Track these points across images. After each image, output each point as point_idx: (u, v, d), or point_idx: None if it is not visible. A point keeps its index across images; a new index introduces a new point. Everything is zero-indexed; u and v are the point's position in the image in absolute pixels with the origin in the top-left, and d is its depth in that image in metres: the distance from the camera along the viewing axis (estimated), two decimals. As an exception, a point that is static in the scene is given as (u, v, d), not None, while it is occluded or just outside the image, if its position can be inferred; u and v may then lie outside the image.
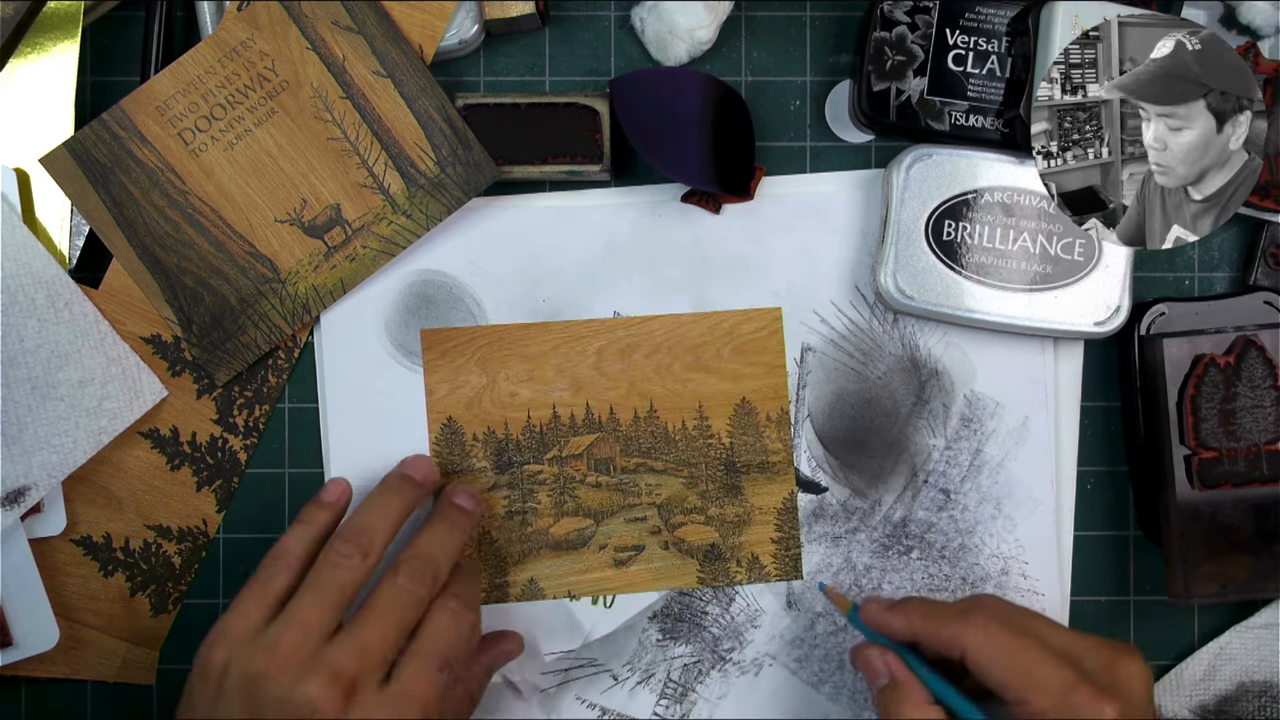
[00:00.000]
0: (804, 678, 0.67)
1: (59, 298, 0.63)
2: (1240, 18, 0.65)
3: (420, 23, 0.64)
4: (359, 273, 0.65)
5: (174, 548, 0.66)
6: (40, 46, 0.64)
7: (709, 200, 0.66)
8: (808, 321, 0.67)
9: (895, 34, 0.64)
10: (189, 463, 0.66)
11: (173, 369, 0.65)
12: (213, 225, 0.64)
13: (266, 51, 0.64)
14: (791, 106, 0.67)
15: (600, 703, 0.66)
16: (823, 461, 0.67)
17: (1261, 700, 0.67)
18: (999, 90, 0.64)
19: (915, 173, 0.64)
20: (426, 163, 0.64)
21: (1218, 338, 0.63)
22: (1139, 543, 0.68)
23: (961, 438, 0.67)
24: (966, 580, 0.67)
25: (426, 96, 0.64)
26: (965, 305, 0.64)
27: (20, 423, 0.63)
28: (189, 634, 0.67)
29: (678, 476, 0.66)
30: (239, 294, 0.65)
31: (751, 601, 0.67)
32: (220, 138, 0.64)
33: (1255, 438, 0.62)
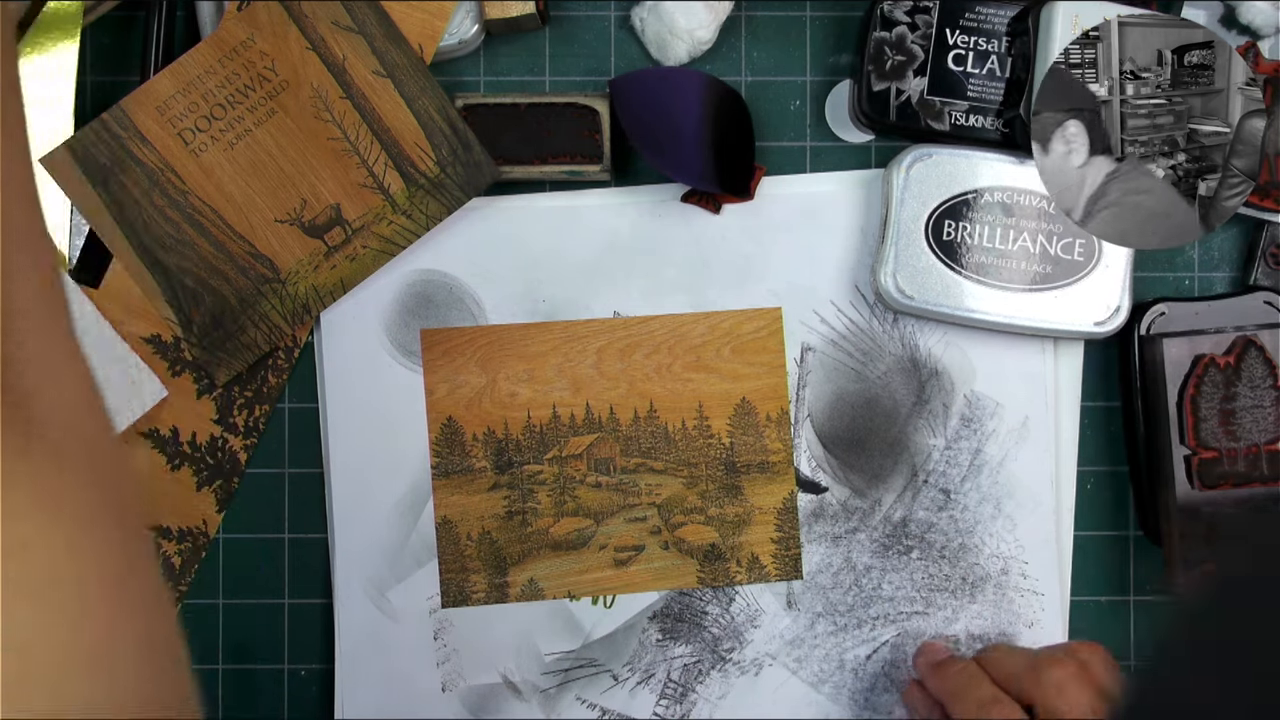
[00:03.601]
0: (804, 678, 0.67)
1: (59, 298, 0.63)
2: (1240, 18, 0.65)
3: (420, 23, 0.64)
4: (359, 273, 0.65)
5: (174, 548, 0.66)
6: (40, 46, 0.64)
7: (709, 200, 0.66)
8: (808, 321, 0.67)
9: (895, 34, 0.64)
10: (189, 463, 0.66)
11: (173, 369, 0.65)
12: (213, 225, 0.64)
13: (266, 51, 0.64)
14: (791, 106, 0.67)
15: (600, 703, 0.66)
16: (823, 461, 0.67)
17: (1261, 700, 0.67)
18: (999, 90, 0.64)
19: (915, 173, 0.64)
20: (426, 163, 0.64)
21: (1218, 338, 0.63)
22: (1139, 543, 0.68)
23: (961, 438, 0.67)
24: (966, 580, 0.67)
25: (426, 96, 0.64)
26: (965, 305, 0.64)
27: (20, 423, 0.62)
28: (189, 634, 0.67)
29: (678, 476, 0.66)
30: (239, 294, 0.65)
31: (751, 601, 0.67)
32: (220, 138, 0.64)
33: (1255, 438, 0.62)
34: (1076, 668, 0.54)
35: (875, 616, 0.67)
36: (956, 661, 0.58)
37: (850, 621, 0.67)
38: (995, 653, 0.57)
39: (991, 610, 0.67)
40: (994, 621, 0.67)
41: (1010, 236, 0.64)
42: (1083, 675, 0.53)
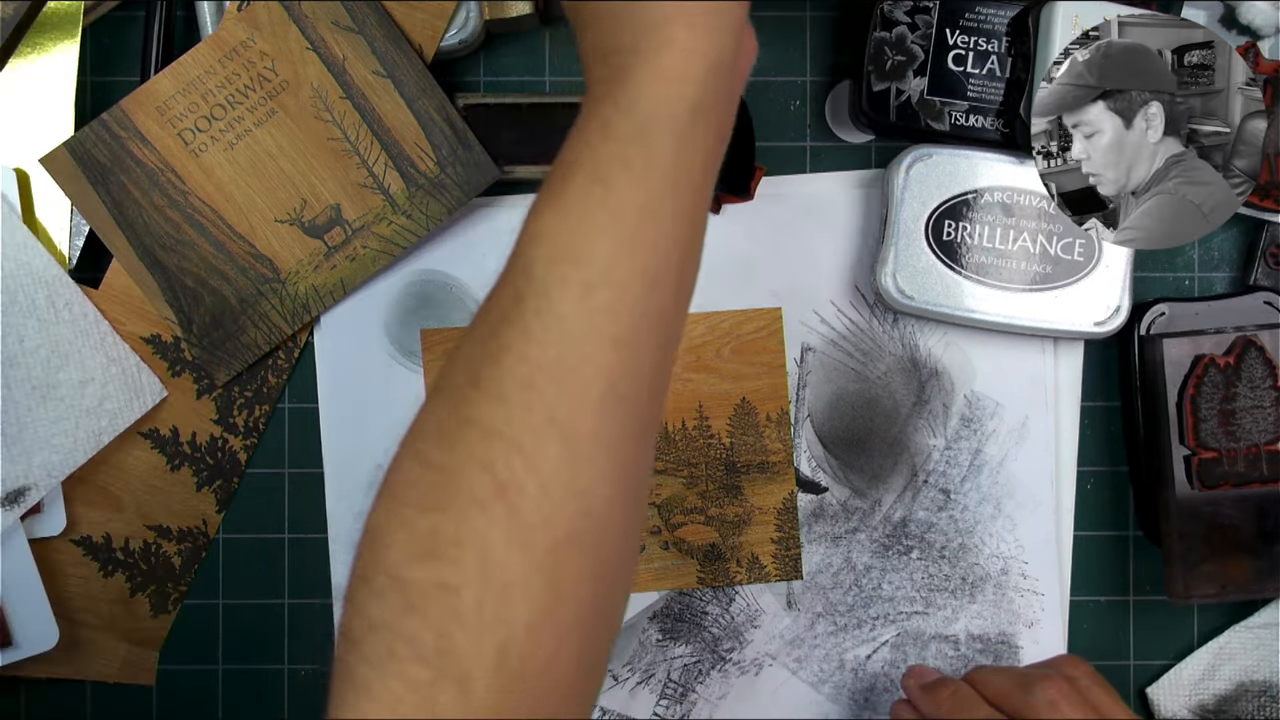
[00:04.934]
0: (804, 678, 0.67)
1: (59, 298, 0.63)
2: (1240, 18, 0.65)
3: (420, 23, 0.64)
4: (359, 273, 0.65)
5: (174, 548, 0.66)
6: (40, 46, 0.64)
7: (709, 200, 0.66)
8: (808, 321, 0.67)
9: (895, 34, 0.64)
10: (189, 463, 0.66)
11: (173, 369, 0.65)
12: (213, 225, 0.64)
13: (266, 51, 0.64)
14: (791, 106, 0.67)
15: (600, 703, 0.66)
16: (823, 461, 0.67)
17: (1261, 700, 0.67)
18: (999, 90, 0.64)
19: (915, 173, 0.64)
20: (426, 163, 0.64)
21: (1218, 338, 0.63)
22: (1139, 543, 0.68)
23: (961, 438, 0.67)
24: (966, 580, 0.67)
25: (426, 96, 0.64)
26: (965, 305, 0.64)
27: (20, 423, 0.63)
28: (189, 634, 0.67)
29: (678, 476, 0.66)
30: (239, 294, 0.65)
31: (751, 601, 0.67)
32: (220, 138, 0.64)
33: (1255, 438, 0.62)
34: (1066, 684, 0.54)
35: (875, 616, 0.67)
36: (948, 683, 0.58)
37: (850, 621, 0.67)
38: (982, 673, 0.57)
39: (991, 610, 0.67)
40: (994, 621, 0.67)
41: (1010, 236, 0.64)
42: (1073, 691, 0.54)
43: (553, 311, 0.38)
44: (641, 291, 0.39)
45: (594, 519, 0.38)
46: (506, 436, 0.38)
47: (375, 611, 0.38)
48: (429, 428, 0.40)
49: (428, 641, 0.36)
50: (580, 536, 0.38)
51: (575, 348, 0.38)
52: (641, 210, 0.39)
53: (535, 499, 0.37)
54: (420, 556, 0.37)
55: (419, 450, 0.40)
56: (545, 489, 0.38)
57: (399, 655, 0.37)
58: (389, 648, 0.37)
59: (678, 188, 0.40)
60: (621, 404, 0.39)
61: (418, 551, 0.37)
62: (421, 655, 0.36)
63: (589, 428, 0.38)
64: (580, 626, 0.39)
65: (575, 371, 0.38)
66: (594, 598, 0.39)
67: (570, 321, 0.38)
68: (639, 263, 0.39)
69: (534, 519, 0.37)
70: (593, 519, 0.38)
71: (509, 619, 0.37)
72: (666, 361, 0.42)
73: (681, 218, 0.41)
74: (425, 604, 0.37)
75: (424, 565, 0.37)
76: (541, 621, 0.37)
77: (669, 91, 0.40)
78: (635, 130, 0.39)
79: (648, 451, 0.42)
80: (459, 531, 0.37)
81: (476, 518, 0.37)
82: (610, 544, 0.39)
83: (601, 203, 0.39)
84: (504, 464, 0.38)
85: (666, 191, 0.40)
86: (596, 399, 0.38)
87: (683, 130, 0.40)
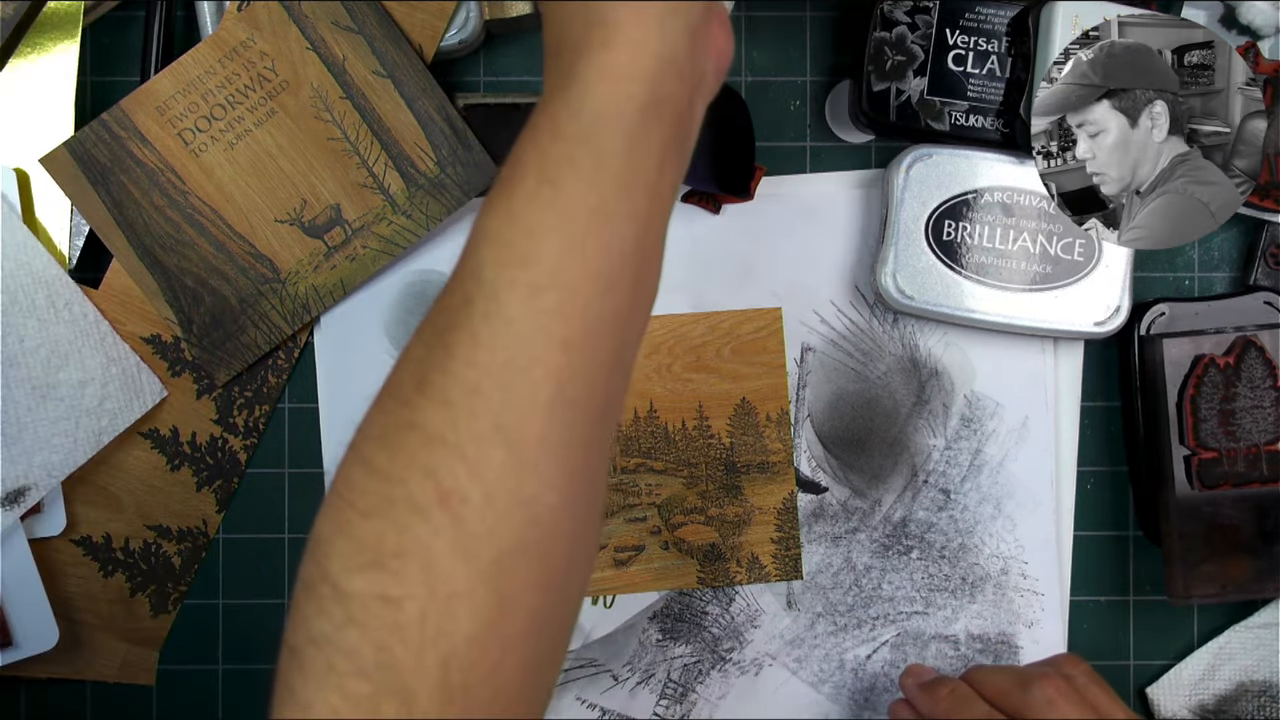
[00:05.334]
0: (804, 678, 0.67)
1: (59, 298, 0.63)
2: (1240, 18, 0.65)
3: (420, 23, 0.64)
4: (359, 273, 0.65)
5: (174, 548, 0.66)
6: (40, 46, 0.64)
7: (709, 200, 0.66)
8: (808, 321, 0.67)
9: (895, 34, 0.64)
10: (189, 463, 0.66)
11: (173, 369, 0.65)
12: (213, 225, 0.64)
13: (266, 51, 0.64)
14: (791, 106, 0.67)
15: (600, 703, 0.66)
16: (823, 461, 0.67)
17: (1261, 700, 0.67)
18: (999, 90, 0.64)
19: (915, 173, 0.64)
20: (426, 163, 0.64)
21: (1218, 338, 0.63)
22: (1139, 543, 0.68)
23: (961, 438, 0.67)
24: (966, 580, 0.67)
25: (426, 96, 0.64)
26: (965, 305, 0.64)
27: (20, 423, 0.63)
28: (189, 634, 0.67)
29: (678, 476, 0.66)
30: (239, 294, 0.65)
31: (751, 601, 0.67)
32: (220, 138, 0.64)
33: (1255, 438, 0.62)
34: (1064, 682, 0.54)
35: (875, 616, 0.67)
36: (946, 682, 0.58)
37: (850, 621, 0.67)
38: (980, 672, 0.57)
39: (991, 610, 0.67)
40: (993, 621, 0.67)
41: (1010, 236, 0.64)
42: (1070, 690, 0.54)
43: (501, 315, 0.38)
44: (594, 294, 0.38)
45: (541, 527, 0.38)
46: (450, 443, 0.37)
47: (316, 624, 0.37)
48: (374, 430, 0.39)
49: (367, 655, 0.36)
50: (527, 546, 0.37)
51: (523, 350, 0.38)
52: (592, 212, 0.38)
53: (479, 508, 0.37)
54: (362, 567, 0.37)
55: (363, 454, 0.39)
56: (490, 497, 0.37)
57: (338, 669, 0.36)
58: (328, 661, 0.36)
59: (630, 189, 0.39)
60: (571, 408, 0.38)
61: (360, 561, 0.37)
62: (361, 669, 0.36)
63: (535, 433, 0.38)
64: (528, 637, 0.38)
65: (523, 375, 0.38)
66: (542, 607, 0.38)
67: (518, 324, 0.38)
68: (590, 265, 0.38)
69: (478, 529, 0.37)
70: (540, 527, 0.38)
71: (452, 632, 0.36)
72: (623, 365, 0.41)
73: (636, 219, 0.40)
74: (366, 617, 0.36)
75: (365, 576, 0.36)
76: (486, 633, 0.37)
77: (617, 90, 0.39)
78: (583, 131, 0.39)
79: (600, 457, 0.41)
80: (401, 541, 0.36)
81: (419, 527, 0.36)
82: (559, 552, 0.39)
83: (550, 204, 0.38)
84: (447, 471, 0.37)
85: (618, 193, 0.39)
86: (544, 403, 0.38)
87: (633, 130, 0.39)
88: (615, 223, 0.39)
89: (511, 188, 0.39)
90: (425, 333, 0.40)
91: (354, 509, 0.38)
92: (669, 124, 0.40)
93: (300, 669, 0.37)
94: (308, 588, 0.38)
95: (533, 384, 0.38)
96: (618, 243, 0.39)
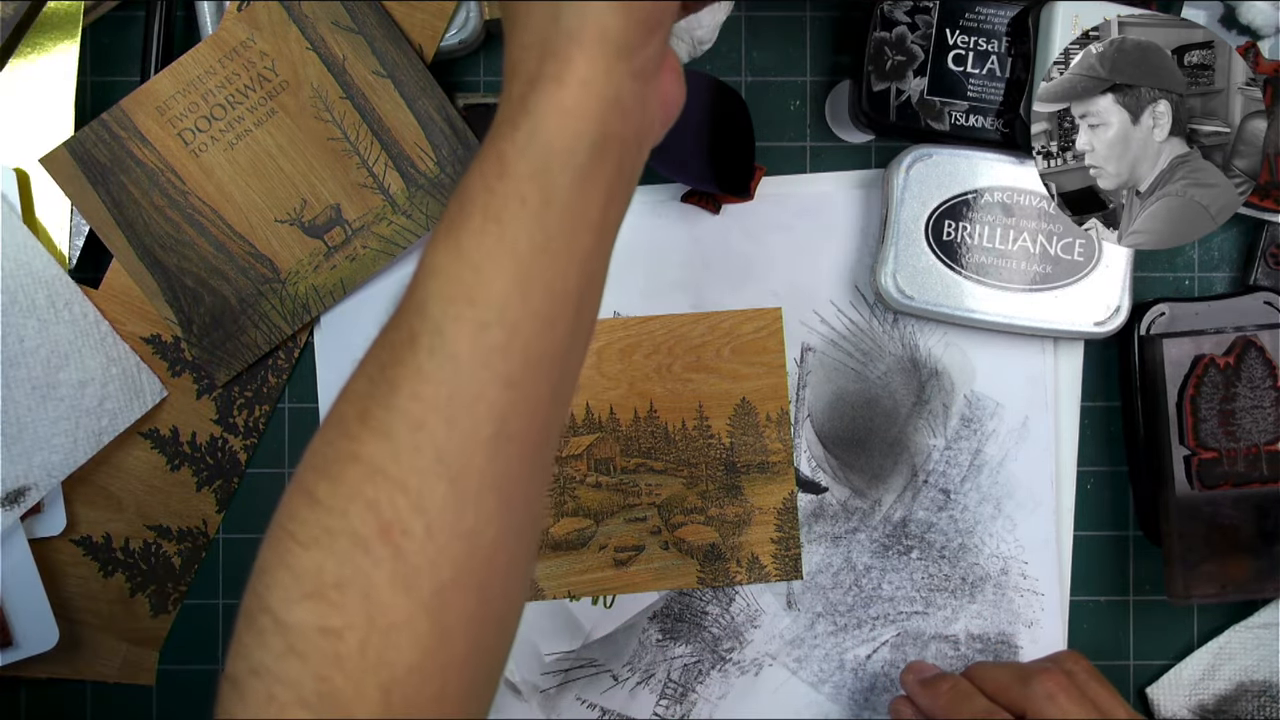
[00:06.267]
0: (804, 678, 0.67)
1: (59, 298, 0.63)
2: (1240, 18, 0.65)
3: (420, 23, 0.64)
4: (359, 273, 0.65)
5: (174, 548, 0.66)
6: (40, 46, 0.64)
7: (709, 200, 0.66)
8: (808, 321, 0.67)
9: (895, 34, 0.64)
10: (189, 463, 0.66)
11: (173, 369, 0.65)
12: (213, 225, 0.64)
13: (266, 51, 0.64)
14: (791, 106, 0.67)
15: (600, 703, 0.66)
16: (823, 461, 0.67)
17: (1261, 700, 0.67)
18: (999, 90, 0.64)
19: (915, 173, 0.64)
20: (426, 163, 0.64)
21: (1218, 338, 0.63)
22: (1139, 543, 0.68)
23: (961, 438, 0.67)
24: (966, 580, 0.67)
25: (426, 96, 0.64)
26: (965, 305, 0.64)
27: (20, 423, 0.63)
28: (189, 634, 0.67)
29: (678, 476, 0.66)
30: (239, 294, 0.65)
31: (751, 601, 0.67)
32: (220, 138, 0.64)
33: (1255, 438, 0.62)
34: (1065, 678, 0.55)
35: (875, 616, 0.67)
36: (946, 678, 0.58)
37: (850, 621, 0.67)
38: (981, 668, 0.58)
39: (991, 610, 0.67)
40: (993, 621, 0.67)
41: (1010, 236, 0.64)
42: (1071, 685, 0.54)
43: (445, 350, 0.38)
44: (534, 332, 0.39)
45: (480, 559, 0.38)
46: (392, 475, 0.37)
47: (256, 655, 0.37)
48: (316, 461, 0.40)
49: (308, 685, 0.36)
50: (466, 578, 0.38)
51: (468, 386, 0.38)
52: (538, 250, 0.39)
53: (421, 540, 0.37)
54: (302, 597, 0.37)
55: (305, 484, 0.39)
56: (431, 531, 0.37)
57: (279, 699, 0.36)
58: (268, 692, 0.36)
59: (576, 228, 0.39)
60: (510, 443, 0.39)
61: (300, 592, 0.37)
62: (302, 699, 0.36)
63: (477, 468, 0.38)
64: (467, 664, 0.38)
65: (466, 410, 0.38)
66: (480, 636, 0.39)
67: (463, 360, 0.38)
68: (533, 303, 0.39)
69: (419, 561, 0.37)
70: (478, 559, 0.38)
71: (393, 661, 0.36)
72: (561, 398, 0.41)
73: (581, 257, 0.40)
74: (306, 648, 0.36)
75: (305, 607, 0.37)
76: (427, 662, 0.37)
77: (566, 127, 0.38)
78: (531, 168, 0.38)
79: (538, 489, 0.41)
80: (341, 572, 0.37)
81: (360, 559, 0.37)
82: (496, 584, 0.39)
83: (498, 241, 0.38)
84: (389, 503, 0.37)
85: (563, 231, 0.39)
86: (486, 439, 0.38)
87: (581, 169, 0.39)
88: (560, 261, 0.39)
89: (459, 224, 0.39)
90: (369, 366, 0.40)
91: (294, 539, 0.38)
92: (615, 164, 0.40)
93: (241, 699, 0.38)
94: (248, 618, 0.38)
95: (475, 420, 0.38)
96: (561, 281, 0.39)
